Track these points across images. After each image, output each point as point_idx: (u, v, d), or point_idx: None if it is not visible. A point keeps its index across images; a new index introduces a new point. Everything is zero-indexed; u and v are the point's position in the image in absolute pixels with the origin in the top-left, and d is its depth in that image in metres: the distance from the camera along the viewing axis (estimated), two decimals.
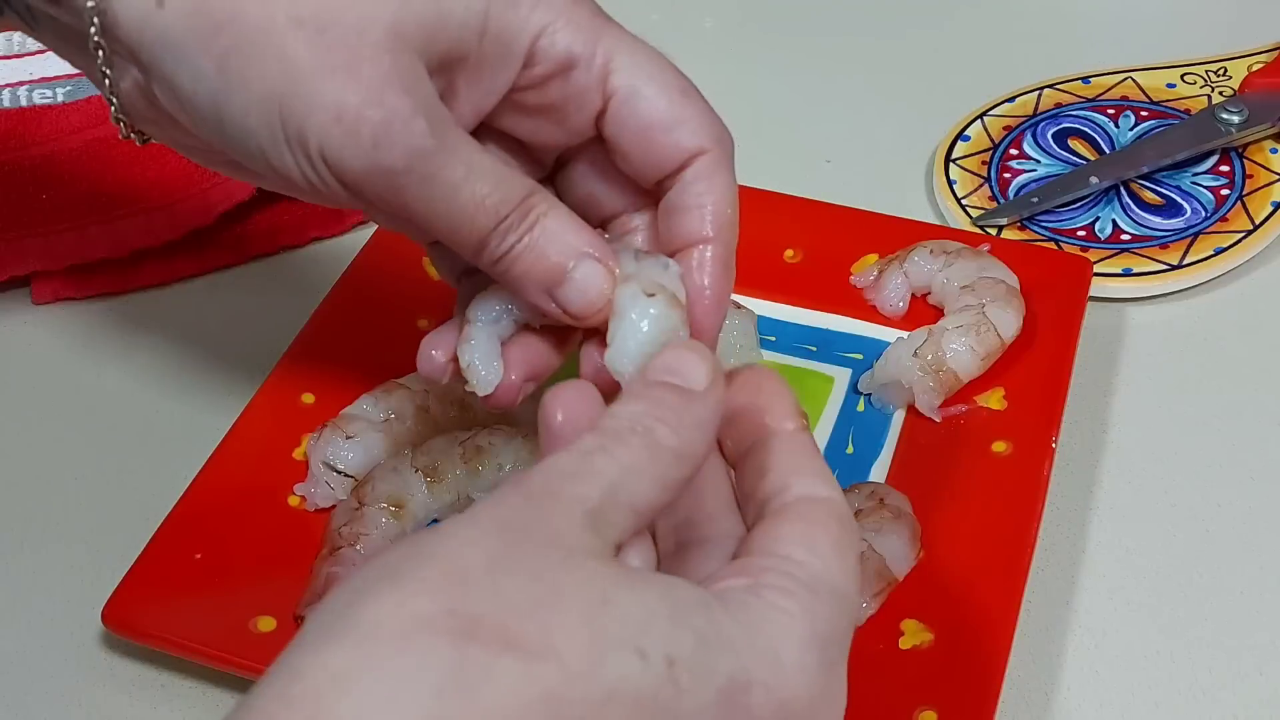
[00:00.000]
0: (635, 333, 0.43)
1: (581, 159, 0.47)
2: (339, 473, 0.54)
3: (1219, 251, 0.63)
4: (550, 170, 0.48)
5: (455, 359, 0.46)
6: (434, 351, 0.46)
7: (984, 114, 0.71)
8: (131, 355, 0.63)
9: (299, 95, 0.39)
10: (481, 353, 0.45)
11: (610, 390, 0.42)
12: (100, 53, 0.42)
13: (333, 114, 0.39)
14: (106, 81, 0.43)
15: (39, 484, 0.58)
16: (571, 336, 0.46)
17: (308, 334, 0.60)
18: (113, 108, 0.43)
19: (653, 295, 0.43)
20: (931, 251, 0.60)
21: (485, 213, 0.42)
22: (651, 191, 0.47)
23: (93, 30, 0.41)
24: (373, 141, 0.40)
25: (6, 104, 0.71)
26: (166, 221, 0.65)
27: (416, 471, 0.53)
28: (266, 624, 0.50)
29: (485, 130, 0.45)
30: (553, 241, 0.43)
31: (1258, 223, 0.65)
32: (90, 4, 0.40)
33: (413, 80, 0.40)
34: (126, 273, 0.66)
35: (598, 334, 0.45)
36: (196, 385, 0.62)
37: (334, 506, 0.54)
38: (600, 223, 0.48)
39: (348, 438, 0.55)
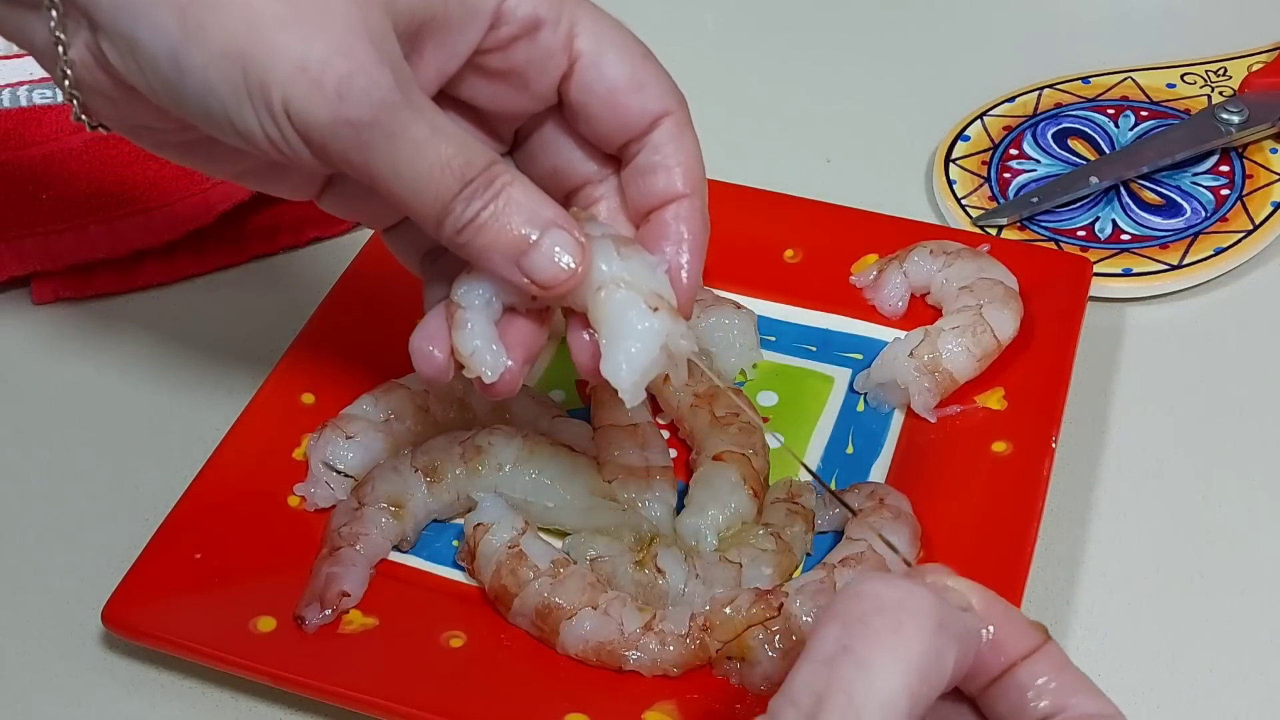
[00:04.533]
0: (643, 350, 0.43)
1: (541, 131, 0.47)
2: (339, 473, 0.54)
3: (1219, 251, 0.63)
4: (510, 146, 0.48)
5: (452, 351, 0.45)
6: (431, 349, 0.45)
7: (984, 114, 0.71)
8: (131, 355, 0.63)
9: (263, 46, 0.39)
10: (482, 338, 0.44)
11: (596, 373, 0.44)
12: (54, 12, 0.40)
13: (297, 64, 0.39)
14: (60, 48, 0.41)
15: (39, 484, 0.58)
16: (550, 312, 0.46)
17: (308, 334, 0.60)
18: (66, 83, 0.42)
19: (656, 310, 0.43)
20: (931, 252, 0.60)
21: (450, 175, 0.41)
22: (613, 158, 0.47)
23: None
24: (337, 92, 0.39)
25: (6, 104, 0.71)
26: (166, 221, 0.65)
27: (416, 471, 0.53)
28: (266, 624, 0.50)
29: (445, 100, 0.45)
30: (518, 210, 0.42)
31: (1258, 223, 0.65)
32: None
33: (379, 34, 0.40)
34: (126, 273, 0.66)
35: (575, 314, 0.45)
36: (196, 385, 0.62)
37: (334, 506, 0.54)
38: (564, 195, 0.48)
39: (348, 438, 0.55)
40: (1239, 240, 0.64)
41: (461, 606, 0.51)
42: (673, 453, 0.56)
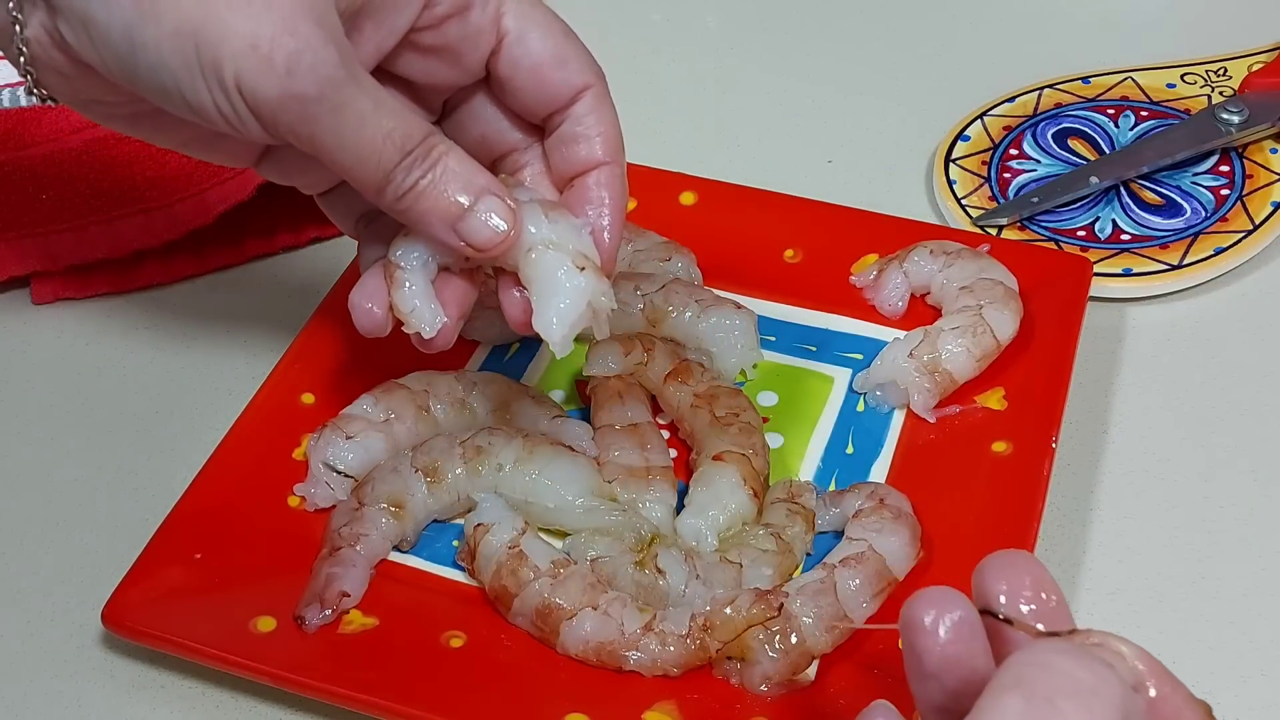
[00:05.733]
0: (572, 305, 0.47)
1: (470, 102, 0.50)
2: (339, 473, 0.54)
3: (1219, 251, 0.63)
4: (439, 116, 0.51)
5: (391, 308, 0.48)
6: (370, 306, 0.48)
7: (984, 114, 0.71)
8: (131, 355, 0.63)
9: (215, 24, 0.40)
10: (421, 296, 0.47)
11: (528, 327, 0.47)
12: None
13: (248, 41, 0.41)
14: (16, 27, 0.43)
15: (39, 484, 0.58)
16: (482, 270, 0.49)
17: (308, 334, 0.60)
18: (21, 60, 0.44)
19: (583, 269, 0.47)
20: (931, 252, 0.60)
21: (391, 146, 0.44)
22: (537, 128, 0.50)
23: None
24: (286, 69, 0.41)
25: (6, 104, 0.71)
26: (166, 221, 0.65)
27: (416, 471, 0.53)
28: (266, 624, 0.50)
29: (380, 74, 0.47)
30: (455, 178, 0.45)
31: (1258, 223, 0.65)
32: None
33: (323, 13, 0.42)
34: (126, 273, 0.66)
35: (506, 273, 0.48)
36: (196, 385, 0.62)
37: (334, 507, 0.54)
38: (491, 162, 0.51)
39: (348, 438, 0.55)
40: (1239, 240, 0.64)
41: (461, 606, 0.51)
42: (673, 453, 0.56)
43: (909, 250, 0.61)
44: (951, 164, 0.69)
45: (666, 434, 0.57)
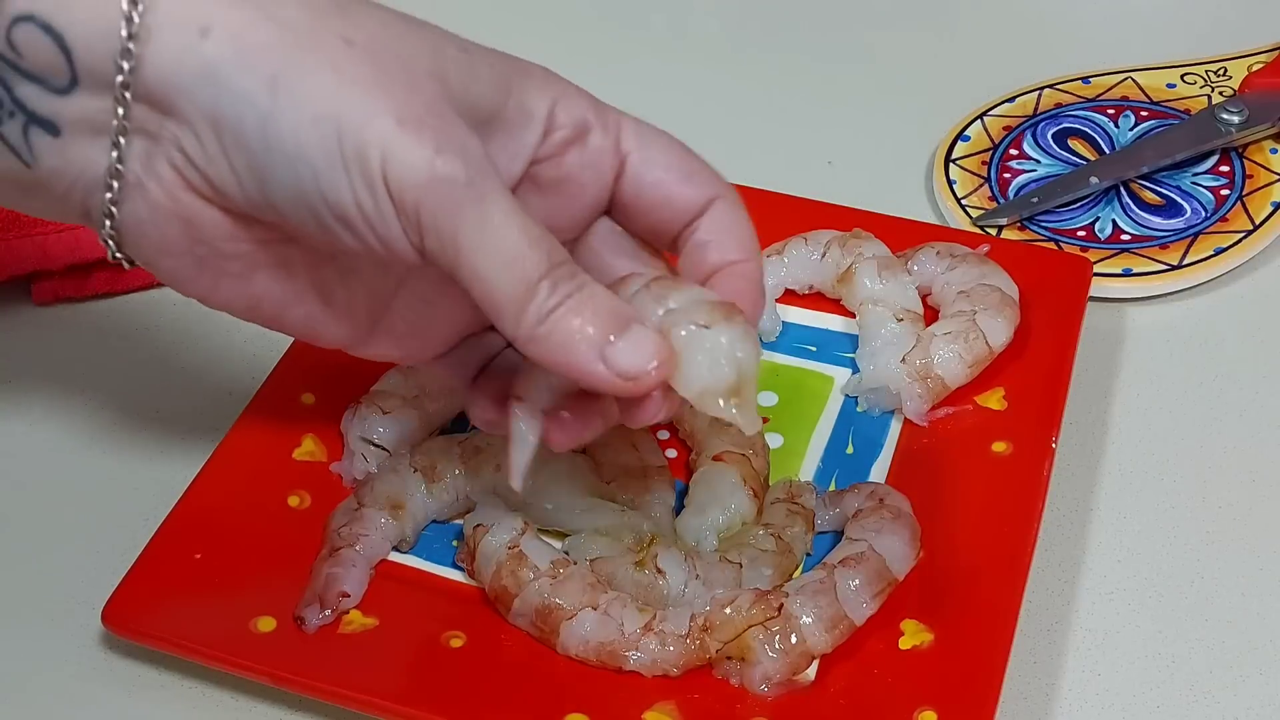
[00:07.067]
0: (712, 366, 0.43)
1: (585, 243, 0.47)
2: (376, 446, 0.54)
3: (1219, 251, 0.63)
4: None
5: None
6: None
7: (984, 114, 0.71)
8: (132, 355, 0.63)
9: (358, 106, 0.39)
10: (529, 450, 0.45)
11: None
12: (120, 138, 0.40)
13: (394, 118, 0.39)
14: (113, 181, 0.41)
15: (39, 484, 0.58)
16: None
17: None
18: (107, 224, 0.42)
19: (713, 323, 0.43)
20: (939, 253, 0.60)
21: (539, 253, 0.40)
22: (656, 254, 0.48)
23: (120, 76, 0.39)
24: (435, 146, 0.39)
25: None
26: None
27: (415, 472, 0.53)
28: (266, 624, 0.50)
29: None
30: (600, 300, 0.41)
31: (1258, 223, 0.65)
32: (123, 62, 0.38)
33: (458, 112, 0.40)
34: (126, 273, 0.66)
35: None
36: (196, 385, 0.62)
37: (336, 506, 0.54)
38: None
39: (384, 413, 0.55)
40: (1239, 240, 0.64)
41: (461, 606, 0.51)
42: (672, 453, 0.56)
43: (916, 250, 0.61)
44: (951, 164, 0.69)
45: (666, 434, 0.57)
